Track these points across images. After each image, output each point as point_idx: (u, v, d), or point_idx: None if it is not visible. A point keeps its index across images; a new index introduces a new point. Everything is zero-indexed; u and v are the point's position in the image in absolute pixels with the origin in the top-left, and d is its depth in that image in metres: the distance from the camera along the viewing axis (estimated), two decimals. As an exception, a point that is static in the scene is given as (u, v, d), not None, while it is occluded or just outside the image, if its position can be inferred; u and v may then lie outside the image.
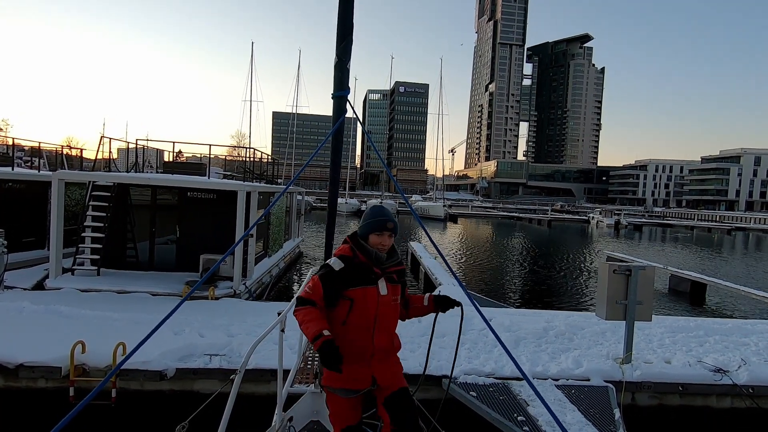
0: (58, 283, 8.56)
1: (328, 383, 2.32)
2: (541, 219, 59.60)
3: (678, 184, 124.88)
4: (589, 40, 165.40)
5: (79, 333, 5.49)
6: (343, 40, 2.76)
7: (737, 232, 55.55)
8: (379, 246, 2.32)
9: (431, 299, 2.61)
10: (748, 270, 23.31)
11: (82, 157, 16.00)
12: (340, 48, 2.78)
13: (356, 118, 3.47)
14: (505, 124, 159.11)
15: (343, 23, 2.74)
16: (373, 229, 2.33)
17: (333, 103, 2.92)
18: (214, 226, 10.16)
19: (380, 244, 2.33)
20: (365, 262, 2.30)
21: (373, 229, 2.33)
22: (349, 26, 2.78)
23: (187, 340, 5.69)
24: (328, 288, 2.23)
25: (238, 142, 60.10)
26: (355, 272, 2.26)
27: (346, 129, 19.01)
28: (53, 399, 5.07)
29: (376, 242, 2.32)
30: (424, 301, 2.62)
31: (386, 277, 2.34)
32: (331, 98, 2.91)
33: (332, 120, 2.97)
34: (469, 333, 6.51)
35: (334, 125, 2.95)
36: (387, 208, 2.44)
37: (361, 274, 2.27)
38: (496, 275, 18.86)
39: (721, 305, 13.97)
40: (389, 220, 2.35)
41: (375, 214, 2.39)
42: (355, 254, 2.32)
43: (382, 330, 2.32)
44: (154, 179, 9.95)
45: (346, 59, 2.81)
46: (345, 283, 2.24)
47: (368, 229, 2.34)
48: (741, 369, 5.50)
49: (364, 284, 2.26)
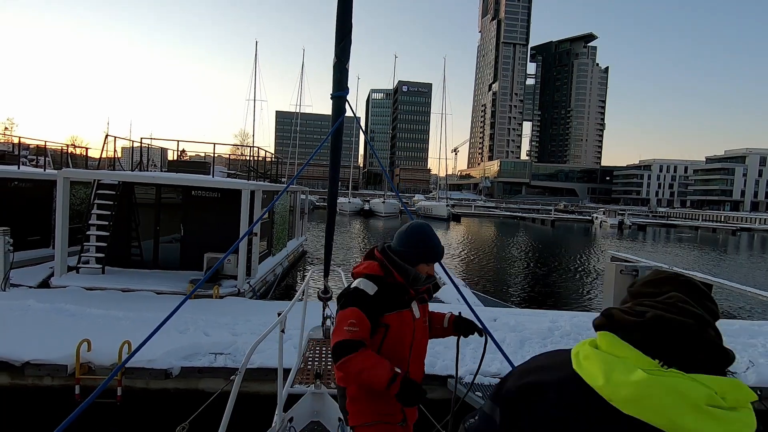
0: (64, 281, 8.59)
1: (358, 421, 1.97)
2: (544, 219, 59.43)
3: (682, 185, 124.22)
4: (593, 39, 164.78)
5: (84, 331, 5.50)
6: (342, 40, 2.75)
7: (742, 233, 55.23)
8: (425, 274, 2.03)
9: (451, 322, 2.28)
10: (752, 270, 23.16)
11: (87, 156, 16.07)
12: (339, 48, 2.77)
13: (357, 120, 3.49)
14: (508, 124, 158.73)
15: (342, 23, 2.73)
16: (426, 259, 2.00)
17: (332, 103, 2.92)
18: (218, 225, 10.17)
19: (427, 272, 2.03)
20: (401, 283, 1.98)
21: (426, 259, 2.00)
22: (348, 26, 2.76)
23: (192, 339, 5.70)
24: (370, 318, 1.87)
25: (241, 141, 60.28)
26: (388, 294, 1.95)
27: (349, 129, 18.91)
28: (59, 397, 5.08)
29: (424, 271, 2.01)
30: (444, 321, 2.29)
31: (417, 297, 2.07)
32: (330, 98, 2.91)
33: (331, 120, 2.97)
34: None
35: (333, 125, 2.95)
36: (431, 229, 2.08)
37: (395, 296, 1.97)
38: (501, 275, 18.81)
39: (727, 306, 13.88)
40: (442, 248, 2.06)
41: (428, 241, 2.00)
42: (388, 273, 1.98)
43: (415, 358, 2.05)
44: (158, 178, 9.97)
45: (345, 59, 2.80)
46: (379, 308, 1.91)
47: (419, 259, 1.99)
48: (749, 371, 5.45)
49: (399, 308, 1.95)
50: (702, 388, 0.72)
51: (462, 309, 2.75)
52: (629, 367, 0.76)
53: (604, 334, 0.85)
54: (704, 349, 0.78)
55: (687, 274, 4.79)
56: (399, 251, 2.00)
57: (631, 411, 0.73)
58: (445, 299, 9.45)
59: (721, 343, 0.81)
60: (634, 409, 0.73)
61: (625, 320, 0.83)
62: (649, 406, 0.72)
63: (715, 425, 0.69)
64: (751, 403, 0.77)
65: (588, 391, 0.78)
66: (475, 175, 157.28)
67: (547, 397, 0.83)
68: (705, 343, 0.79)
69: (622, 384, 0.74)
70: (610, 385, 0.76)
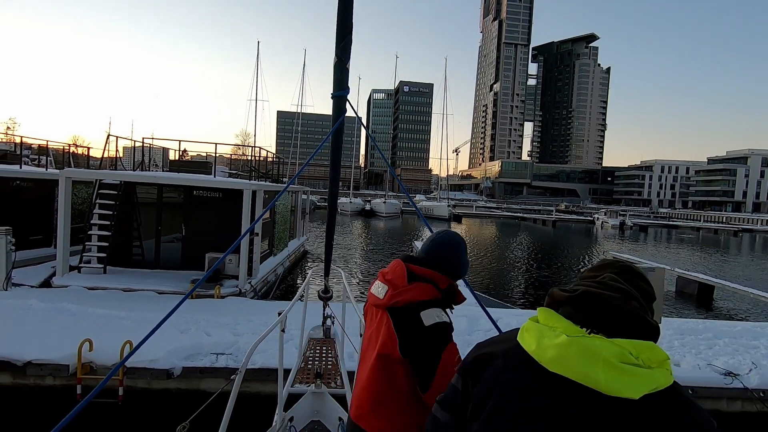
0: (65, 281, 8.61)
1: None
2: (545, 219, 59.36)
3: (684, 185, 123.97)
4: (594, 39, 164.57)
5: (86, 331, 5.51)
6: (342, 40, 2.74)
7: (744, 234, 55.10)
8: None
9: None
10: (755, 272, 23.10)
11: (88, 156, 16.10)
12: (339, 48, 2.77)
13: (358, 119, 3.48)
14: (509, 124, 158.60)
15: (343, 23, 2.73)
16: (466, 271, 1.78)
17: (332, 102, 2.92)
18: (219, 225, 10.17)
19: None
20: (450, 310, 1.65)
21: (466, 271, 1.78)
22: (349, 26, 2.76)
23: (194, 339, 5.70)
24: None
25: (243, 141, 60.31)
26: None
27: (350, 129, 18.85)
28: (61, 397, 5.09)
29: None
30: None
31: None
32: (331, 98, 2.91)
33: (332, 120, 2.97)
34: (475, 333, 6.48)
35: (334, 125, 2.95)
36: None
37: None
38: (502, 276, 18.79)
39: (729, 307, 13.85)
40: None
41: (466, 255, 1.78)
42: (449, 298, 1.63)
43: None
44: (160, 178, 9.98)
45: (346, 59, 2.79)
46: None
47: (466, 271, 1.77)
48: (752, 372, 5.43)
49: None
50: (615, 347, 0.83)
51: (463, 309, 2.73)
52: (557, 334, 0.90)
53: (542, 310, 0.99)
54: (628, 319, 0.90)
55: (690, 275, 4.77)
56: (454, 266, 1.68)
57: (555, 369, 0.87)
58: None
59: (646, 316, 0.92)
60: (558, 367, 0.86)
61: (560, 296, 0.98)
62: (568, 363, 0.85)
63: (624, 377, 0.81)
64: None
65: (525, 355, 0.93)
66: (477, 175, 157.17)
67: (495, 363, 0.99)
68: (628, 313, 0.90)
69: (547, 347, 0.89)
70: (539, 349, 0.91)
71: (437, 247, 1.70)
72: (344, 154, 3.30)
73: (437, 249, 1.69)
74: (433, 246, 1.71)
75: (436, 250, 1.69)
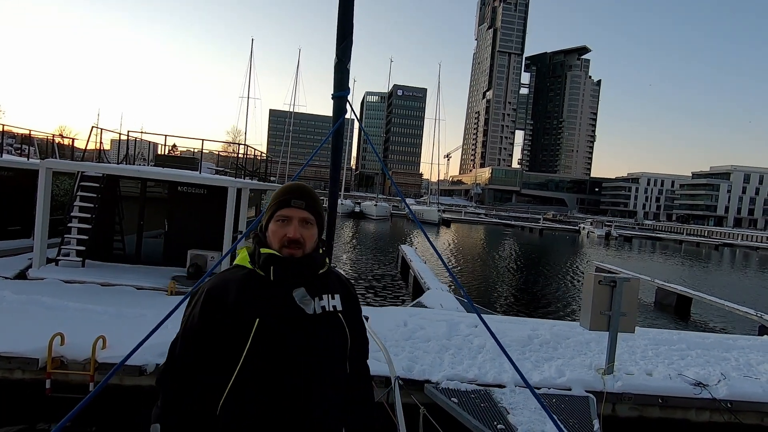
0: (42, 273, 8.43)
1: None
2: (532, 227, 59.96)
3: (669, 198, 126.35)
4: (586, 52, 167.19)
5: (59, 324, 5.40)
6: (343, 41, 2.76)
7: (725, 248, 56.28)
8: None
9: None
10: (732, 284, 23.61)
11: (73, 147, 15.81)
12: (340, 48, 2.78)
13: (355, 119, 3.50)
14: (501, 132, 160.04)
15: (344, 23, 2.75)
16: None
17: (333, 103, 2.93)
18: (203, 222, 10.08)
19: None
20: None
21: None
22: (350, 27, 2.78)
23: (169, 335, 5.58)
24: None
25: (233, 139, 59.82)
26: None
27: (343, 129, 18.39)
28: (29, 391, 4.99)
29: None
30: None
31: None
32: (331, 98, 2.92)
33: (332, 120, 2.97)
34: (454, 338, 6.51)
35: (334, 125, 2.95)
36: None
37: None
38: (485, 281, 18.91)
39: (705, 319, 14.13)
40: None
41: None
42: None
43: None
44: (143, 172, 9.85)
45: (346, 60, 2.81)
46: None
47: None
48: (720, 383, 5.55)
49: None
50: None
51: (443, 314, 2.75)
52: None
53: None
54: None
55: (669, 286, 4.91)
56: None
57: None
58: (428, 304, 9.48)
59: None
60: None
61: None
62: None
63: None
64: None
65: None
66: (467, 181, 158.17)
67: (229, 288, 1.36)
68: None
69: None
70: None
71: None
72: (342, 155, 3.28)
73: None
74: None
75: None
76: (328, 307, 1.39)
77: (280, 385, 1.27)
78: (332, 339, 1.37)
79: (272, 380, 1.27)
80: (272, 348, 1.28)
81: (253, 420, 1.27)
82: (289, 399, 1.27)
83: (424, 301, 9.61)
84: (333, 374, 1.37)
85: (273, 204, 1.42)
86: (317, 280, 1.41)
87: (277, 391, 1.27)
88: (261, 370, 1.27)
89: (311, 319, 1.34)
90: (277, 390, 1.27)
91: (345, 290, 1.49)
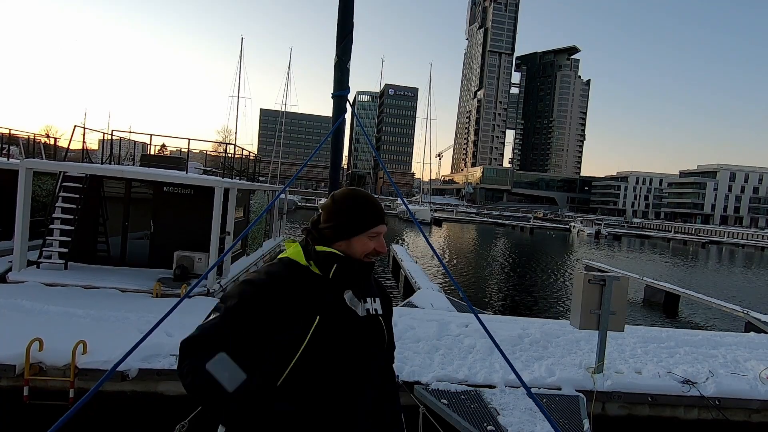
0: (22, 276, 8.21)
1: None
2: (523, 226, 60.28)
3: (657, 197, 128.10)
4: (576, 52, 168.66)
5: (38, 329, 5.24)
6: (343, 40, 2.73)
7: (711, 246, 57.13)
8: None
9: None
10: (718, 281, 23.94)
11: (55, 146, 15.50)
12: (340, 48, 2.76)
13: (358, 120, 3.47)
14: (492, 131, 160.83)
15: (343, 22, 2.72)
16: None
17: (333, 102, 2.89)
18: (189, 223, 9.91)
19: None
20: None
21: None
22: (350, 26, 2.76)
23: (153, 340, 5.43)
24: None
25: (224, 138, 59.24)
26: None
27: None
28: (6, 398, 4.82)
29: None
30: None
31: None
32: (331, 97, 2.87)
33: (332, 119, 2.92)
34: (444, 339, 6.46)
35: (334, 125, 2.89)
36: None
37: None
38: (477, 281, 18.94)
39: (693, 317, 14.28)
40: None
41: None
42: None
43: None
44: (128, 172, 9.65)
45: (346, 59, 2.79)
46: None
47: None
48: (708, 381, 5.57)
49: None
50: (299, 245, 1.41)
51: (434, 314, 2.69)
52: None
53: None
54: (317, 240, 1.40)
55: (657, 284, 4.92)
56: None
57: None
58: (419, 304, 9.42)
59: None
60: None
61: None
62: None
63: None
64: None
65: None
66: (458, 180, 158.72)
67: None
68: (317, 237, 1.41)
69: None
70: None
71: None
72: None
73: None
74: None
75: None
76: (372, 310, 1.41)
77: (334, 386, 1.27)
78: (379, 342, 1.41)
79: (326, 379, 1.27)
80: (330, 347, 1.27)
81: (302, 420, 1.24)
82: (342, 400, 1.28)
83: (415, 300, 9.55)
84: (382, 377, 1.45)
85: (367, 220, 1.40)
86: (365, 282, 1.44)
87: (330, 392, 1.27)
88: (316, 368, 1.26)
89: (362, 322, 1.36)
90: (330, 390, 1.27)
91: (383, 294, 1.52)
